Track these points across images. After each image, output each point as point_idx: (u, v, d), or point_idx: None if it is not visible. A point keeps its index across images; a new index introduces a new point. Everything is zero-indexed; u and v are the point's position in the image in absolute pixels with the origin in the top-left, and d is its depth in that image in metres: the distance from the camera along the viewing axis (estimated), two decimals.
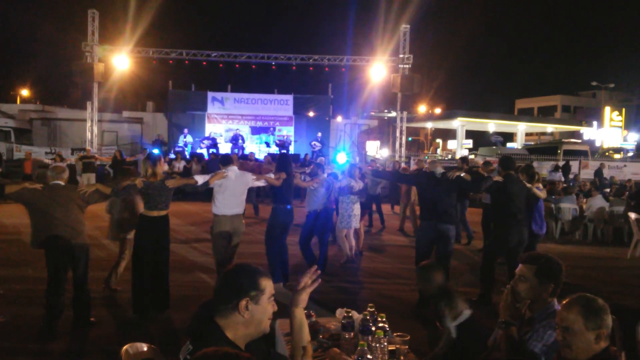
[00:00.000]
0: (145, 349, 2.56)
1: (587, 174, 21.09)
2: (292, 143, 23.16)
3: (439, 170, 6.09)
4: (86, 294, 5.07)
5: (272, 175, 6.43)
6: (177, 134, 22.49)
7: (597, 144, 39.19)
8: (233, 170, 6.09)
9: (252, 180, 6.24)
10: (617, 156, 31.50)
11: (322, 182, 7.61)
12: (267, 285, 2.05)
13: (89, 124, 21.95)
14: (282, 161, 6.85)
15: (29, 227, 4.97)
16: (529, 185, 6.60)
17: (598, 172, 20.31)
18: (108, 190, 5.14)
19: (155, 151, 18.03)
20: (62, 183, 5.07)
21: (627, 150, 37.45)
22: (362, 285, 7.03)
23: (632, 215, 9.70)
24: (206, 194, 7.43)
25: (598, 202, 11.60)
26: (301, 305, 2.27)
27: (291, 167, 6.78)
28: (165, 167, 8.63)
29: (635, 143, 41.22)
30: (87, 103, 21.95)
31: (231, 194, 6.01)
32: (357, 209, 8.18)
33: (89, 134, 21.93)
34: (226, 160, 6.25)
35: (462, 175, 6.07)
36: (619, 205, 11.50)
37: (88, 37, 21.29)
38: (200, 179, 5.78)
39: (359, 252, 8.69)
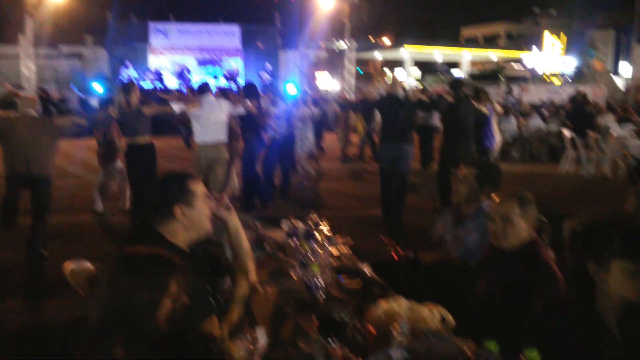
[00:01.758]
0: (90, 266, 2.52)
1: (527, 97, 21.92)
2: (241, 75, 22.80)
3: (401, 92, 6.45)
4: (43, 228, 5.08)
5: (248, 103, 6.50)
6: (120, 69, 21.68)
7: (539, 70, 40.32)
8: (208, 99, 6.16)
9: (230, 108, 6.32)
10: (556, 81, 32.69)
11: (282, 110, 7.79)
12: (197, 187, 2.08)
13: (23, 59, 20.79)
14: (251, 90, 6.90)
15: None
16: (476, 104, 7.04)
17: (574, 99, 20.32)
18: (83, 121, 5.44)
19: (97, 86, 17.35)
20: (35, 114, 5.13)
21: (566, 75, 38.81)
22: (321, 206, 7.36)
23: (567, 133, 10.39)
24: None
25: (535, 122, 12.28)
26: (231, 213, 2.29)
27: (259, 95, 6.87)
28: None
29: (575, 69, 42.62)
30: (19, 37, 20.68)
31: (208, 122, 6.08)
32: (311, 134, 8.46)
33: (25, 71, 20.82)
34: (202, 89, 6.30)
35: (421, 97, 6.51)
36: (554, 125, 12.23)
37: None
38: (176, 107, 5.96)
39: (315, 176, 9.04)
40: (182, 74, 20.85)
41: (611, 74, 28.05)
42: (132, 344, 1.50)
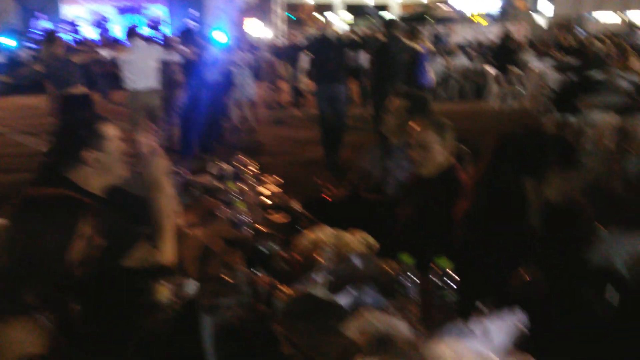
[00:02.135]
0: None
1: (454, 37, 22.25)
2: (165, 24, 21.71)
3: (333, 33, 6.44)
4: None
5: (185, 49, 6.39)
6: (30, 20, 20.07)
7: (466, 10, 40.81)
8: (138, 43, 6.06)
9: (162, 53, 6.21)
10: (482, 21, 33.30)
11: (213, 57, 7.61)
12: (108, 129, 2.00)
13: None
14: (188, 35, 6.87)
15: None
16: (409, 42, 7.08)
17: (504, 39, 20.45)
18: (8, 79, 5.09)
19: (7, 40, 16.03)
20: None
21: (492, 15, 39.55)
22: (256, 151, 7.22)
23: (490, 70, 10.72)
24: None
25: (461, 61, 12.58)
26: (155, 154, 2.14)
27: (197, 42, 6.80)
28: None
29: (500, 9, 43.38)
30: None
31: (139, 68, 5.93)
32: (250, 80, 8.43)
33: None
34: (130, 32, 6.20)
35: (353, 37, 6.51)
36: (479, 63, 12.57)
37: None
38: (106, 54, 5.99)
39: (252, 121, 8.92)
40: (100, 24, 19.62)
41: (532, 12, 28.81)
42: (44, 289, 1.44)
